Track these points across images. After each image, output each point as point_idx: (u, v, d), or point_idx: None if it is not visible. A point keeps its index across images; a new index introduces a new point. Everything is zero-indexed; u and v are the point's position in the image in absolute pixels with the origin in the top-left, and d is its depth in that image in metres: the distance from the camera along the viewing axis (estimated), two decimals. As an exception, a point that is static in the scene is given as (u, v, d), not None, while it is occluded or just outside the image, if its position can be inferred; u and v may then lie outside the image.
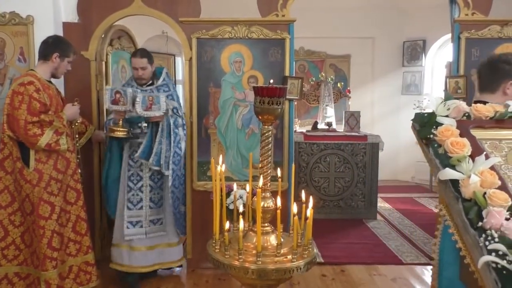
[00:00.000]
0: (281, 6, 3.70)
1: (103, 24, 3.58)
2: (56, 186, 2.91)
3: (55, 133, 2.82)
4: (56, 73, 3.01)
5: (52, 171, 2.89)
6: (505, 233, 1.34)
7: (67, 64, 3.01)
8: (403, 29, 7.38)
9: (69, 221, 3.02)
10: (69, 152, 3.01)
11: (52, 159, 2.90)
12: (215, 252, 1.41)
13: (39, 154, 2.85)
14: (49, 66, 2.95)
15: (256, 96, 1.43)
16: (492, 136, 1.79)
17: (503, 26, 3.75)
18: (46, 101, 2.85)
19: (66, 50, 2.98)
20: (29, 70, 3.00)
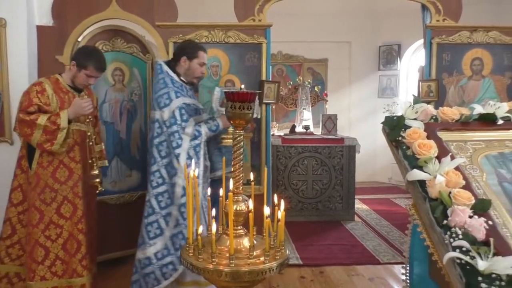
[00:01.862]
0: (258, 11, 3.74)
1: (78, 28, 3.55)
2: (50, 196, 2.75)
3: (44, 132, 2.64)
4: (74, 81, 2.84)
5: (49, 178, 2.75)
6: (468, 230, 1.40)
7: (85, 77, 2.80)
8: (379, 33, 7.53)
9: (59, 237, 2.78)
10: (74, 162, 2.81)
11: (53, 166, 2.76)
12: (188, 256, 1.42)
13: (42, 158, 2.75)
14: (70, 73, 2.85)
15: (227, 101, 1.45)
16: (458, 138, 1.87)
17: (472, 32, 3.89)
18: (52, 103, 2.71)
19: (85, 62, 2.77)
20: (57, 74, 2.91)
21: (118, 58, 3.65)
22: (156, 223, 2.71)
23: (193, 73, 2.93)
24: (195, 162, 2.57)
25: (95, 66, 2.79)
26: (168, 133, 2.71)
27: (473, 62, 3.93)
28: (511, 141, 1.85)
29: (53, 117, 2.67)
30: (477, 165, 1.73)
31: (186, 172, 2.40)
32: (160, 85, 2.80)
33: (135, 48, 3.70)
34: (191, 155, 2.68)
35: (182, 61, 2.90)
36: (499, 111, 1.89)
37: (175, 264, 2.70)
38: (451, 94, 3.98)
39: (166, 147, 2.73)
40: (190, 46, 2.99)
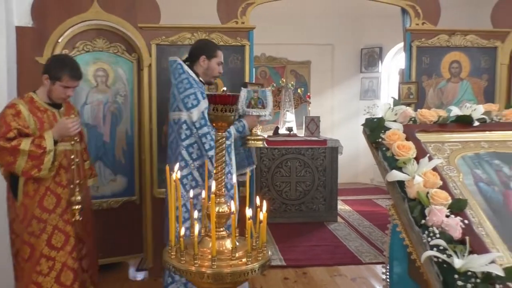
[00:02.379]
0: (241, 13, 3.75)
1: (59, 29, 3.50)
2: (38, 227, 2.53)
3: (29, 158, 2.41)
4: (51, 96, 2.60)
5: (36, 208, 2.52)
6: (445, 229, 1.44)
7: (62, 89, 2.57)
8: (361, 36, 7.63)
9: (52, 270, 2.57)
10: (61, 187, 2.59)
11: (39, 194, 2.53)
12: (171, 259, 1.42)
13: (27, 186, 2.52)
14: (45, 88, 2.60)
15: (209, 103, 1.46)
16: (436, 139, 1.91)
17: (450, 35, 3.98)
18: (30, 125, 2.49)
19: (57, 73, 2.54)
20: (32, 92, 2.65)
21: (101, 58, 3.60)
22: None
23: (212, 73, 2.89)
24: (228, 162, 2.58)
25: (70, 75, 2.56)
26: (199, 135, 2.63)
27: (452, 65, 4.02)
28: (486, 142, 1.90)
29: (37, 140, 2.45)
30: (454, 166, 1.77)
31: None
32: (185, 85, 2.70)
33: (120, 48, 3.64)
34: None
35: (201, 61, 2.84)
36: (475, 113, 1.94)
37: None
38: (431, 96, 4.06)
39: (197, 149, 2.65)
40: (209, 45, 2.94)
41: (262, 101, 2.80)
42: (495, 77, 4.02)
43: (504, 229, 1.52)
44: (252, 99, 2.82)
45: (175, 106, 2.72)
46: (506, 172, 1.74)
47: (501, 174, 1.73)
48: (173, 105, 2.74)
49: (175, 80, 2.77)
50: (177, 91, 2.71)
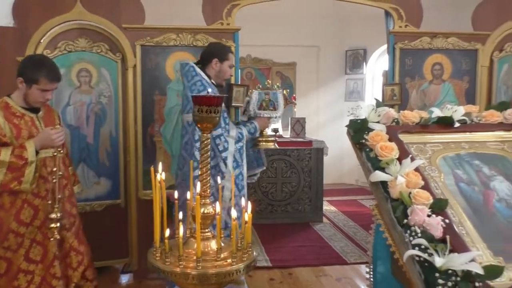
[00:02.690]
0: (226, 14, 3.75)
1: (41, 29, 3.44)
2: (16, 241, 2.39)
3: (9, 170, 2.26)
4: (28, 100, 2.42)
5: (12, 222, 2.37)
6: (427, 229, 1.47)
7: (39, 93, 2.39)
8: (345, 38, 7.70)
9: (31, 284, 2.44)
10: (39, 199, 2.43)
11: (16, 207, 2.38)
12: (155, 260, 1.42)
13: (3, 198, 2.37)
14: (20, 92, 2.41)
15: (194, 105, 1.46)
16: (418, 140, 1.95)
17: (432, 37, 4.04)
18: (6, 132, 2.33)
19: (33, 75, 2.35)
20: (6, 95, 2.49)
21: (84, 58, 3.55)
22: None
23: (224, 75, 2.95)
24: (239, 163, 2.67)
25: (48, 77, 2.38)
26: (212, 136, 2.65)
27: (434, 67, 4.09)
28: (467, 143, 1.94)
29: (18, 150, 2.29)
30: (435, 166, 1.81)
31: (233, 175, 2.59)
32: (199, 87, 2.75)
33: (103, 47, 3.58)
34: (237, 158, 2.71)
35: (214, 63, 2.90)
36: (455, 114, 1.98)
37: None
38: (414, 97, 4.12)
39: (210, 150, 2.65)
40: (221, 48, 3.00)
41: (274, 103, 2.86)
42: (476, 79, 4.10)
43: (484, 228, 1.55)
44: (263, 101, 2.90)
45: (188, 108, 2.74)
46: (486, 172, 1.79)
47: (481, 174, 1.77)
48: (187, 107, 2.77)
49: (188, 82, 2.80)
50: (190, 93, 2.75)
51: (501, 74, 4.14)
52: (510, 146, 1.93)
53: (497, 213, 1.62)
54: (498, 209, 1.63)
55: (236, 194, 2.69)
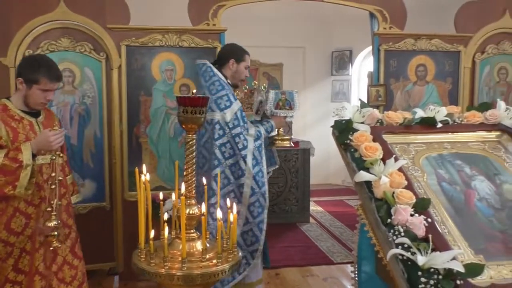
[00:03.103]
0: (212, 15, 3.75)
1: (24, 29, 3.39)
2: (5, 251, 2.27)
3: (2, 173, 2.14)
4: (28, 102, 2.32)
5: (2, 231, 2.26)
6: (410, 228, 1.49)
7: (40, 93, 2.29)
8: (331, 40, 7.75)
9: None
10: (32, 207, 2.31)
11: (6, 215, 2.26)
12: (140, 262, 1.41)
13: None
14: (20, 94, 2.31)
15: (179, 105, 1.46)
16: (402, 141, 1.97)
17: (416, 39, 4.10)
18: (2, 135, 2.23)
19: (33, 75, 2.26)
20: (4, 98, 2.38)
21: (67, 58, 3.50)
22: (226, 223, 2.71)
23: (240, 76, 3.00)
24: (259, 161, 2.76)
25: (48, 76, 2.29)
26: (232, 135, 2.74)
27: (418, 68, 4.15)
28: (449, 143, 1.98)
29: (13, 152, 2.17)
30: (418, 166, 1.83)
31: (251, 172, 2.69)
32: (217, 87, 2.81)
33: (87, 47, 3.53)
34: (256, 156, 2.77)
35: (231, 64, 2.95)
36: (438, 115, 2.02)
37: (247, 259, 2.82)
38: (399, 98, 4.18)
39: (229, 148, 2.76)
40: (238, 50, 3.03)
41: (290, 103, 2.93)
42: (458, 80, 4.18)
43: (465, 227, 1.58)
44: (280, 101, 2.96)
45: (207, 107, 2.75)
46: (467, 172, 1.82)
47: (462, 174, 1.80)
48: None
49: (205, 82, 2.86)
50: (209, 92, 2.81)
51: (483, 75, 4.22)
52: (491, 146, 1.97)
53: (478, 212, 1.65)
54: (479, 208, 1.66)
55: (256, 191, 2.76)
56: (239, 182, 2.76)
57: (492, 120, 2.04)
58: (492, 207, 1.69)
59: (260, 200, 2.78)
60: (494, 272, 1.44)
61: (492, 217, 1.64)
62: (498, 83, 4.27)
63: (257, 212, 2.78)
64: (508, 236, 1.58)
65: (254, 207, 2.77)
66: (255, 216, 2.79)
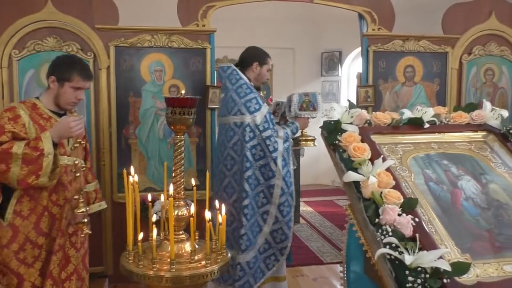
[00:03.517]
0: (202, 16, 3.74)
1: (10, 29, 3.35)
2: (32, 253, 2.18)
3: (24, 163, 2.05)
4: (58, 102, 2.29)
5: (31, 231, 2.16)
6: (397, 228, 1.50)
7: (72, 91, 2.26)
8: (321, 41, 7.79)
9: None
10: (57, 207, 2.25)
11: (36, 214, 2.18)
12: (128, 264, 1.40)
13: (22, 204, 2.16)
14: (51, 93, 2.29)
15: (167, 106, 1.46)
16: (390, 141, 1.99)
17: (404, 40, 4.14)
18: (29, 132, 2.16)
19: (67, 72, 2.26)
20: (35, 97, 2.36)
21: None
22: (256, 222, 2.87)
23: (262, 78, 3.09)
24: (287, 161, 2.87)
25: (82, 74, 2.28)
26: (263, 137, 2.83)
27: (406, 69, 4.18)
28: (436, 143, 2.00)
29: (33, 142, 2.11)
30: (406, 166, 1.85)
31: (281, 173, 2.81)
32: (245, 90, 2.90)
33: (74, 47, 3.47)
34: (285, 157, 2.86)
35: (254, 67, 3.04)
36: (425, 115, 2.04)
37: (276, 256, 2.95)
38: (387, 99, 4.21)
39: (259, 150, 2.85)
40: (261, 53, 3.12)
41: (313, 104, 3.00)
42: (446, 81, 4.22)
43: (452, 226, 1.60)
44: (303, 103, 3.04)
45: (236, 110, 2.88)
46: (454, 171, 1.84)
47: (449, 174, 1.83)
48: (234, 109, 2.90)
49: (232, 85, 2.95)
50: (237, 95, 2.89)
51: (470, 76, 4.27)
52: (477, 147, 1.99)
53: (465, 211, 1.67)
54: (465, 208, 1.68)
55: (285, 191, 2.87)
56: (269, 183, 2.85)
57: (478, 120, 2.07)
58: (478, 206, 1.71)
59: (288, 200, 2.90)
60: (480, 270, 1.45)
61: (478, 216, 1.66)
62: (485, 84, 4.32)
63: (286, 211, 2.89)
64: (494, 235, 1.60)
65: (283, 206, 2.88)
66: (285, 215, 2.89)
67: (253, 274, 2.88)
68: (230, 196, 2.92)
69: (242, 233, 2.82)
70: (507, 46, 4.26)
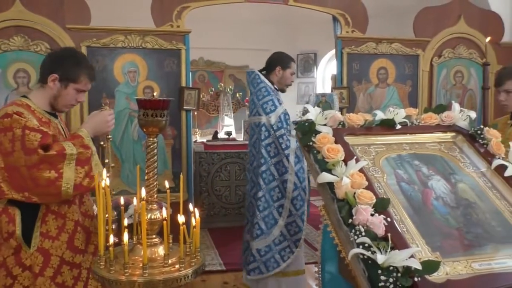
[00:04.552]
0: (176, 16, 3.72)
1: (-24, 28, 3.25)
2: (71, 275, 1.95)
3: (78, 165, 1.83)
4: (56, 103, 1.99)
5: (65, 251, 1.93)
6: (370, 228, 1.51)
7: (75, 93, 1.99)
8: (296, 42, 7.85)
9: None
10: (89, 219, 2.05)
11: (67, 232, 1.93)
12: (99, 269, 1.37)
13: (47, 224, 1.89)
14: (47, 92, 1.98)
15: (139, 108, 1.43)
16: (363, 142, 2.01)
17: (377, 43, 4.22)
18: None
19: (74, 72, 1.96)
20: (20, 97, 2.01)
21: (21, 58, 3.36)
22: (271, 215, 3.05)
23: (285, 81, 3.28)
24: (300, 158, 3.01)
25: (89, 75, 2.00)
26: (276, 136, 3.03)
27: (379, 71, 4.26)
28: (407, 144, 2.03)
29: (76, 140, 1.88)
30: (378, 167, 1.87)
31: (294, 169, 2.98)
32: (264, 93, 3.10)
33: (43, 46, 3.40)
34: (298, 154, 3.02)
35: (277, 71, 3.21)
36: (397, 117, 2.07)
37: (291, 248, 3.12)
38: (361, 100, 4.28)
39: (274, 148, 3.03)
40: (284, 57, 3.29)
41: (330, 104, 3.04)
42: (417, 83, 4.32)
43: (423, 225, 1.63)
44: (320, 103, 3.09)
45: (255, 111, 3.12)
46: (425, 172, 1.87)
47: (420, 174, 1.86)
48: (253, 110, 3.14)
49: (254, 88, 3.16)
50: (256, 98, 3.11)
51: (440, 78, 4.39)
52: (447, 147, 2.04)
53: (435, 210, 1.70)
54: (435, 207, 1.72)
55: (298, 186, 3.04)
56: (283, 178, 3.03)
57: (447, 121, 2.11)
58: (448, 205, 1.74)
59: (301, 194, 3.06)
60: (450, 268, 1.48)
61: (448, 215, 1.69)
62: (455, 86, 4.45)
63: (299, 205, 3.05)
64: (463, 233, 1.64)
65: (296, 200, 3.05)
66: (298, 209, 3.05)
67: (264, 262, 3.07)
68: (251, 189, 3.19)
69: (255, 222, 3.05)
70: (475, 49, 4.40)
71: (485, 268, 1.49)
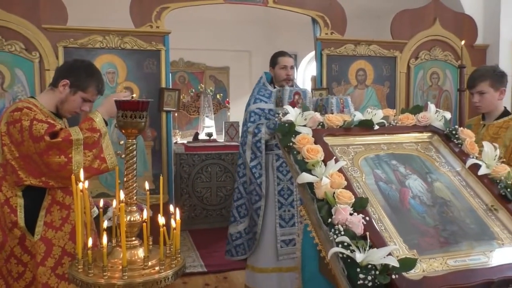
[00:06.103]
0: (155, 17, 3.69)
1: None
2: None
3: (86, 148, 1.93)
4: (61, 107, 2.11)
5: (68, 242, 1.99)
6: (349, 227, 1.54)
7: (80, 102, 2.10)
8: (277, 44, 7.84)
9: None
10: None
11: (70, 223, 2.00)
12: (78, 272, 1.35)
13: (52, 214, 1.97)
14: (55, 95, 2.09)
15: (118, 110, 1.42)
16: (342, 143, 2.04)
17: (356, 45, 4.27)
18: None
19: (85, 82, 2.08)
20: (28, 97, 2.16)
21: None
22: (244, 205, 3.23)
23: (279, 78, 3.40)
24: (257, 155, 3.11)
25: (97, 87, 2.12)
26: (241, 132, 3.29)
27: (358, 73, 4.32)
28: (385, 144, 2.07)
29: (85, 124, 1.97)
30: (357, 167, 1.90)
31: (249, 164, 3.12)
32: (252, 92, 3.44)
33: (17, 46, 3.32)
34: (254, 150, 3.13)
35: (271, 71, 3.45)
36: (375, 118, 2.11)
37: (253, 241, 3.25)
38: (341, 102, 4.31)
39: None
40: (273, 56, 3.47)
41: (325, 108, 3.09)
42: (395, 84, 4.40)
43: (400, 223, 1.66)
44: (318, 107, 3.15)
45: None
46: (402, 171, 1.91)
47: (397, 174, 1.90)
48: None
49: None
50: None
51: (417, 79, 4.48)
52: (423, 147, 2.09)
53: (412, 209, 1.74)
54: (412, 206, 1.76)
55: (253, 181, 3.14)
56: (245, 172, 3.21)
57: (423, 122, 2.16)
58: (425, 204, 1.78)
59: (256, 189, 3.15)
60: (426, 265, 1.52)
61: (424, 214, 1.73)
62: (431, 87, 4.55)
63: (254, 199, 3.15)
64: (439, 231, 1.68)
65: (251, 195, 3.16)
66: (253, 203, 3.17)
67: (235, 247, 3.30)
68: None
69: (231, 209, 3.33)
70: (450, 51, 4.51)
71: (460, 264, 1.54)
